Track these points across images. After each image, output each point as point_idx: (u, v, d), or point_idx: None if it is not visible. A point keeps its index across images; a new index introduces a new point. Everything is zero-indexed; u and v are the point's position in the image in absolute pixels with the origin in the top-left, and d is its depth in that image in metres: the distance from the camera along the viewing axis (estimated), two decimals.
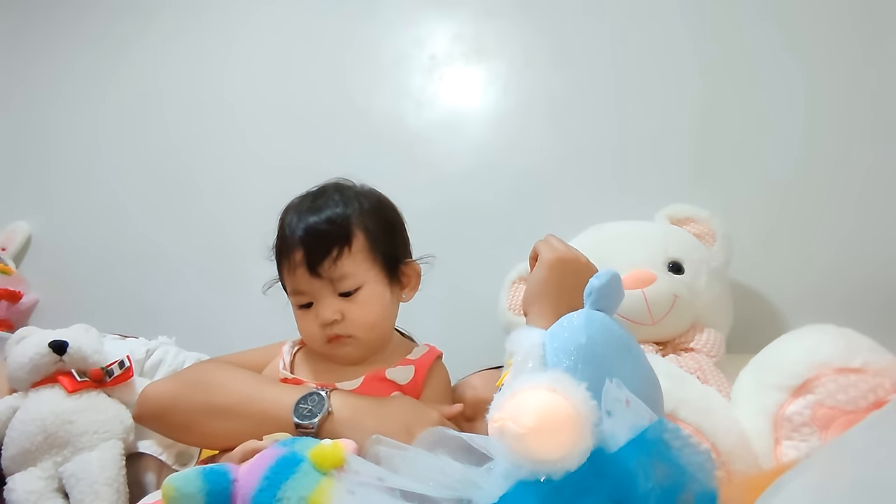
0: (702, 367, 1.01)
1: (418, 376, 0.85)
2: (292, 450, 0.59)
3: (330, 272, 0.82)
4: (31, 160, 2.15)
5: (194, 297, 1.80)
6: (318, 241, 0.82)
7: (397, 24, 1.84)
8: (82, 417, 0.95)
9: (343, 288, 0.82)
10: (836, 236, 1.32)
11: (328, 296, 0.82)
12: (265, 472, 0.56)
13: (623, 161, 1.53)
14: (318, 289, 0.83)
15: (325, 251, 0.81)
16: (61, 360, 0.98)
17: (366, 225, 0.85)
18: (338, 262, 0.82)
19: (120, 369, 1.01)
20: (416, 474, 0.51)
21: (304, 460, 0.56)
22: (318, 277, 0.82)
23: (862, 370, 0.68)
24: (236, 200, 1.84)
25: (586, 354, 0.59)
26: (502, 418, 0.47)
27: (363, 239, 0.84)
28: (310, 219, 0.84)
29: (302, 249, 0.82)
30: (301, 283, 0.83)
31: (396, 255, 0.89)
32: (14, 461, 0.92)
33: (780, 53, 1.44)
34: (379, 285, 0.86)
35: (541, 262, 0.84)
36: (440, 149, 1.71)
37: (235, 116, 1.94)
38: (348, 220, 0.84)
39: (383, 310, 0.87)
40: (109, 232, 1.95)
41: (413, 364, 0.86)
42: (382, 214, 0.90)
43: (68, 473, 0.91)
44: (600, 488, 0.48)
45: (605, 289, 0.64)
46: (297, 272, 0.83)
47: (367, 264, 0.84)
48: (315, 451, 0.57)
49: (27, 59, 2.26)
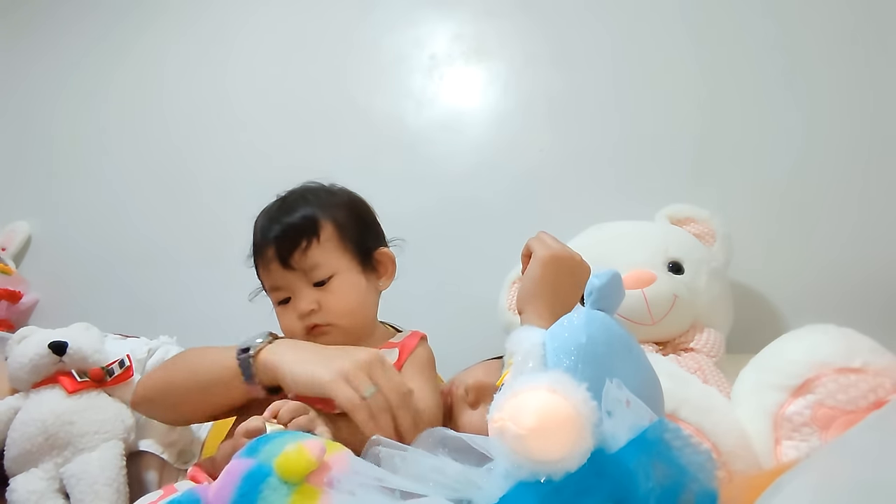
0: (702, 367, 1.01)
1: (402, 357, 0.87)
2: (258, 461, 0.56)
3: (301, 263, 0.84)
4: (32, 160, 2.15)
5: (195, 296, 1.79)
6: (287, 234, 0.85)
7: (397, 24, 1.84)
8: (82, 418, 0.95)
9: (316, 277, 0.85)
10: (837, 236, 1.32)
11: (303, 287, 0.85)
12: (233, 496, 0.54)
13: (623, 161, 1.53)
14: (292, 282, 0.85)
15: (294, 243, 0.84)
16: (61, 360, 0.98)
17: (333, 216, 0.88)
18: (307, 252, 0.84)
19: (120, 368, 1.01)
20: (416, 475, 0.51)
21: (271, 474, 0.54)
22: (291, 270, 0.85)
23: (862, 370, 0.68)
24: (236, 200, 1.83)
25: (587, 354, 0.59)
26: (502, 419, 0.47)
27: (331, 229, 0.87)
28: (279, 217, 0.87)
29: (273, 245, 0.85)
30: (276, 277, 0.86)
31: (367, 243, 0.92)
32: (16, 462, 0.92)
33: (780, 53, 1.44)
34: (352, 273, 0.88)
35: (535, 260, 0.83)
36: (440, 149, 1.71)
37: (236, 116, 1.94)
38: (314, 213, 0.87)
39: (359, 297, 0.88)
40: (109, 232, 1.95)
41: (397, 346, 0.88)
42: (352, 207, 0.93)
43: (69, 474, 0.91)
44: (601, 489, 0.48)
45: (605, 288, 0.64)
46: (270, 267, 0.86)
47: (338, 253, 0.87)
48: (279, 461, 0.54)
49: (27, 60, 2.26)
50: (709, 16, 1.53)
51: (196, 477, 0.81)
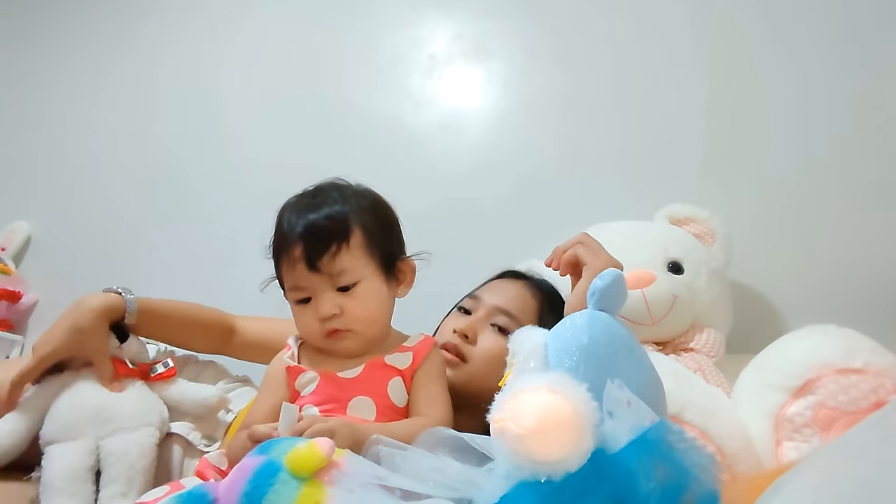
0: (701, 368, 1.01)
1: (416, 361, 0.86)
2: (269, 457, 0.57)
3: (329, 267, 0.83)
4: (32, 160, 2.15)
5: (195, 296, 1.79)
6: (318, 236, 0.83)
7: (396, 24, 1.84)
8: (128, 401, 0.99)
9: (341, 283, 0.84)
10: (838, 236, 1.32)
11: (327, 290, 0.84)
12: (244, 488, 0.55)
13: (623, 161, 1.52)
14: (316, 284, 0.84)
15: (324, 247, 0.83)
16: (120, 347, 1.03)
17: (363, 222, 0.87)
18: (336, 257, 0.83)
19: (163, 368, 1.07)
20: (417, 474, 0.51)
21: (282, 469, 0.55)
22: (318, 272, 0.83)
23: (863, 371, 0.68)
24: (236, 200, 1.83)
25: (588, 355, 0.59)
26: (503, 419, 0.47)
27: (361, 235, 0.86)
28: (309, 216, 0.85)
29: (301, 245, 0.83)
30: (300, 278, 0.84)
31: (393, 251, 0.91)
32: (57, 432, 0.94)
33: (782, 55, 1.44)
34: (376, 281, 0.87)
35: (592, 274, 0.82)
36: (439, 149, 1.71)
37: (235, 116, 1.94)
38: (347, 216, 0.86)
39: (381, 305, 0.88)
40: (109, 232, 1.95)
41: (411, 350, 0.87)
42: (379, 212, 0.92)
43: (108, 451, 0.93)
44: (601, 489, 0.48)
45: (608, 289, 0.64)
46: (296, 268, 0.84)
47: (365, 260, 0.86)
48: (290, 456, 0.56)
49: (27, 59, 2.26)
50: (709, 16, 1.53)
51: (203, 473, 0.82)
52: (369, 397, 0.82)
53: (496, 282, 1.14)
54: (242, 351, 1.16)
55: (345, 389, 0.82)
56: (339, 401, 0.80)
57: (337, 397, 0.81)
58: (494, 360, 0.99)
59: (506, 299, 1.06)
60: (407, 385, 0.85)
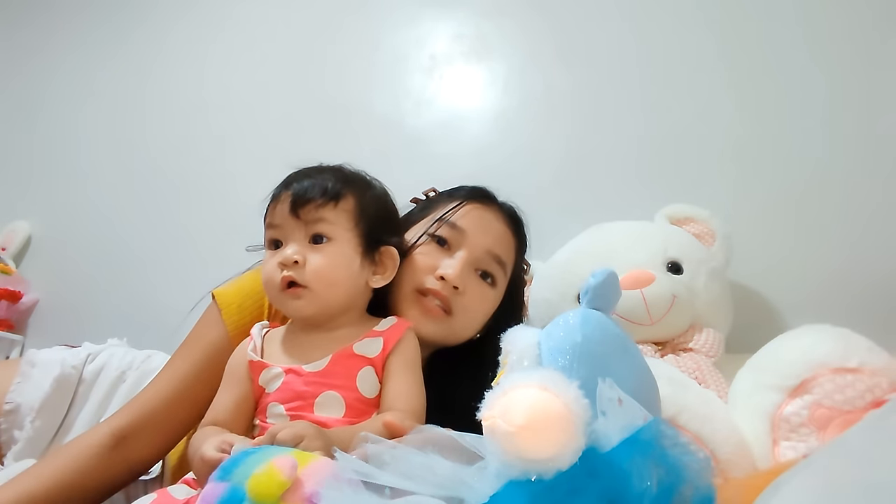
0: (700, 368, 1.00)
1: (387, 347, 0.83)
2: (232, 484, 0.55)
3: (307, 214, 0.83)
4: (32, 160, 2.16)
5: (195, 296, 1.79)
6: (310, 189, 0.85)
7: (397, 24, 1.84)
8: None
9: (315, 231, 0.84)
10: (838, 237, 1.31)
11: (298, 238, 0.84)
12: None
13: (623, 161, 1.52)
14: (291, 229, 0.84)
15: (312, 196, 0.84)
16: None
17: (360, 195, 0.88)
18: (319, 209, 0.84)
19: None
20: (406, 473, 0.50)
21: (245, 498, 0.53)
22: (296, 218, 0.84)
23: (859, 370, 0.68)
24: (236, 199, 1.83)
25: (582, 353, 0.58)
26: (493, 416, 0.46)
27: (352, 203, 0.87)
28: (310, 174, 0.88)
29: (291, 191, 0.85)
30: (278, 216, 0.85)
31: (379, 235, 0.90)
32: None
33: (784, 56, 1.44)
34: (349, 248, 0.86)
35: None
36: (440, 149, 1.71)
37: (235, 116, 1.94)
38: (345, 185, 0.87)
39: (345, 273, 0.85)
40: (109, 232, 1.95)
41: (381, 335, 0.84)
42: (380, 198, 0.93)
43: None
44: (593, 488, 0.47)
45: (601, 287, 0.63)
46: (278, 208, 0.85)
47: (348, 225, 0.86)
48: (251, 482, 0.53)
49: (26, 59, 2.26)
50: (711, 16, 1.52)
51: (191, 483, 0.79)
52: (337, 392, 0.79)
53: (474, 211, 1.00)
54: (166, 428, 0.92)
55: (311, 385, 0.79)
56: (306, 398, 0.78)
57: (303, 395, 0.78)
58: (479, 319, 0.97)
59: (494, 239, 0.98)
60: (378, 374, 0.82)
